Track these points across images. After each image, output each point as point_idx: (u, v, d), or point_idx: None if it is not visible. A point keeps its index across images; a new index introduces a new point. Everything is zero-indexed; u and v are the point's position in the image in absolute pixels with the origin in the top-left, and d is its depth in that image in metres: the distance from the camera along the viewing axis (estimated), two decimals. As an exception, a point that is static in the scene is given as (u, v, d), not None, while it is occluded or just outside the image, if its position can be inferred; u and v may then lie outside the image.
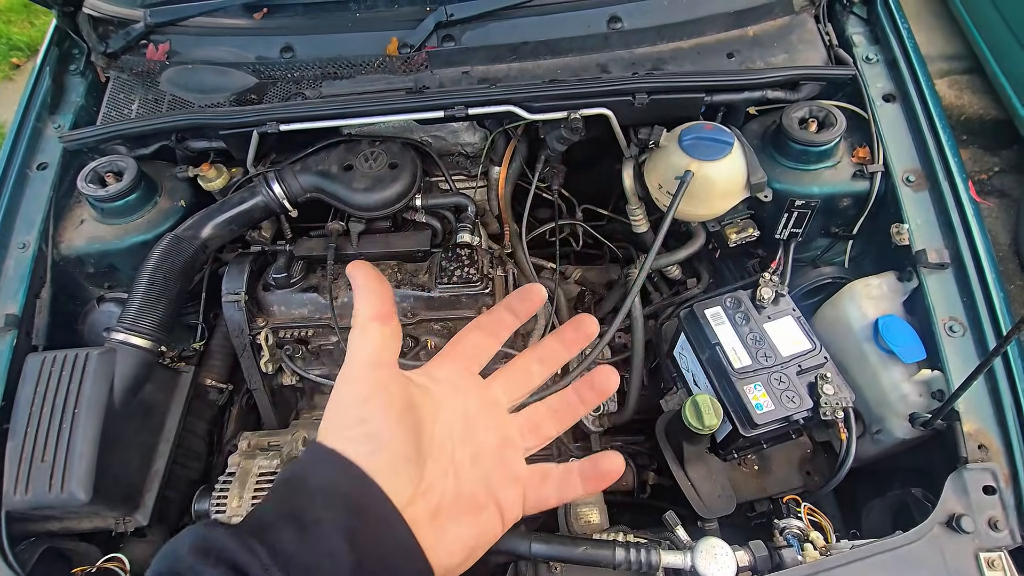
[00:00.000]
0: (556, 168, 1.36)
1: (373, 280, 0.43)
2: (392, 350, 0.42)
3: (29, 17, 3.47)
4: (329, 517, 0.35)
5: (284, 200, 1.20)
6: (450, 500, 0.41)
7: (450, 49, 1.26)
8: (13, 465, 0.95)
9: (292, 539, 0.34)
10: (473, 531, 0.41)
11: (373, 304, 0.42)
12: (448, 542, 0.40)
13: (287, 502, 0.37)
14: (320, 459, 0.39)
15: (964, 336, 0.99)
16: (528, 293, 0.49)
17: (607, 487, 0.45)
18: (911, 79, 1.21)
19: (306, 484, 0.37)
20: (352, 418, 0.39)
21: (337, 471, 0.38)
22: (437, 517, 0.40)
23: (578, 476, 0.45)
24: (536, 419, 0.47)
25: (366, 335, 0.42)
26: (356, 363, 0.41)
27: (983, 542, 0.85)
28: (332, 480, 0.37)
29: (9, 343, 1.09)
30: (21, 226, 1.20)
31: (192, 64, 1.31)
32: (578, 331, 0.49)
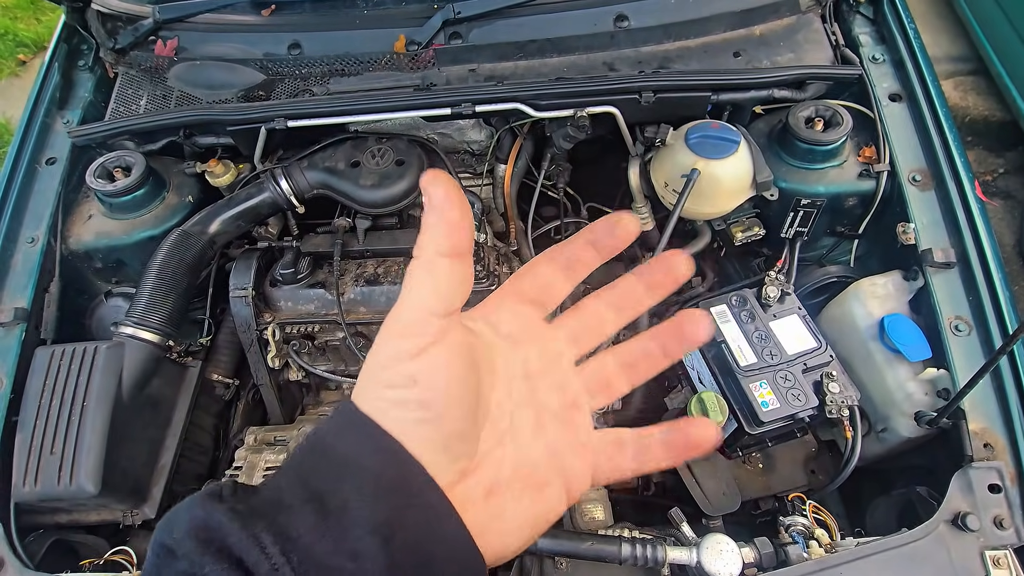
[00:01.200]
0: (562, 166, 1.36)
1: (453, 202, 0.32)
2: (461, 296, 0.33)
3: (35, 14, 3.48)
4: (358, 504, 0.29)
5: (291, 196, 1.21)
6: (508, 474, 0.34)
7: (457, 47, 1.26)
8: (22, 457, 0.96)
9: (311, 528, 0.28)
10: (534, 509, 0.35)
11: (448, 235, 0.32)
12: (505, 522, 0.34)
13: (308, 477, 0.30)
14: (352, 425, 0.31)
15: (970, 335, 0.99)
16: (618, 224, 0.38)
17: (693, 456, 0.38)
18: (917, 79, 1.21)
19: (333, 456, 0.31)
20: (400, 375, 0.31)
21: (372, 444, 0.31)
22: (493, 495, 0.34)
23: (661, 445, 0.37)
24: (605, 374, 0.39)
25: (433, 274, 0.32)
26: (413, 307, 0.32)
27: (988, 540, 0.85)
28: (366, 455, 0.31)
29: (18, 336, 1.09)
30: (30, 221, 1.21)
31: (200, 60, 1.32)
32: (668, 273, 0.39)
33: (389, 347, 0.32)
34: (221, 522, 0.28)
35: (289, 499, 0.30)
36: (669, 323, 0.38)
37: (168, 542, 0.29)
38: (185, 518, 0.29)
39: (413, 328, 0.32)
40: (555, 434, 0.37)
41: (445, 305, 0.32)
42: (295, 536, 0.28)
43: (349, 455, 0.31)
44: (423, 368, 0.31)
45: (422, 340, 0.32)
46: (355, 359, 1.22)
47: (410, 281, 0.33)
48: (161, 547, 0.29)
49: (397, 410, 0.31)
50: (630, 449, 0.37)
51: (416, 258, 0.33)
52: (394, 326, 0.32)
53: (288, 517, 0.29)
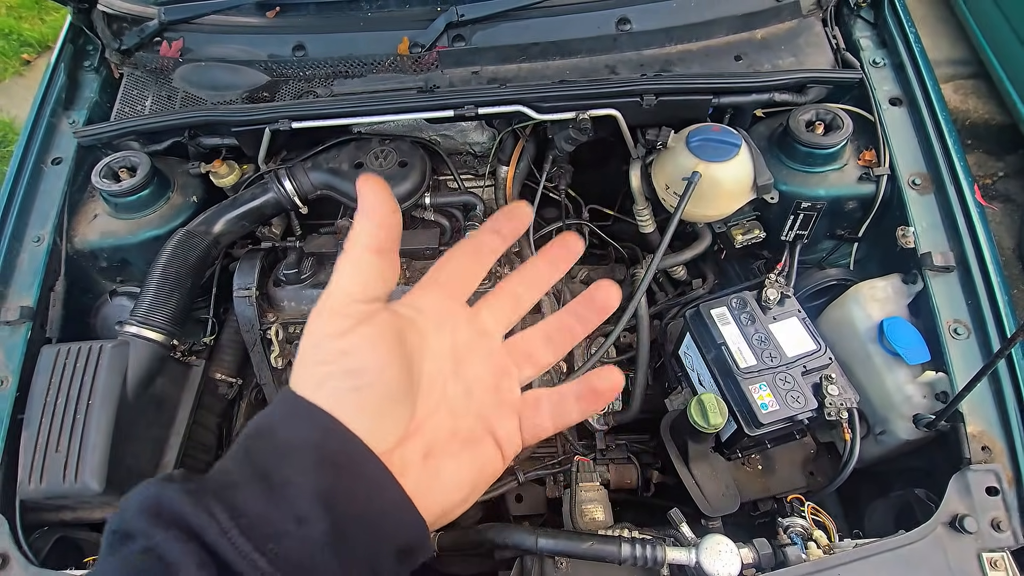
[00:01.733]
0: (563, 168, 1.37)
1: (382, 202, 0.36)
2: (384, 286, 0.37)
3: (40, 14, 3.49)
4: (300, 477, 0.31)
5: (295, 197, 1.22)
6: (444, 437, 0.38)
7: (460, 49, 1.27)
8: (28, 455, 0.96)
9: (257, 500, 0.31)
10: (472, 467, 0.38)
11: (374, 233, 0.36)
12: (444, 481, 0.37)
13: (253, 458, 0.33)
14: (291, 409, 0.34)
15: (968, 338, 1.00)
16: (514, 211, 0.43)
17: (602, 406, 0.42)
18: (918, 83, 1.21)
19: (275, 438, 0.33)
20: (331, 351, 0.34)
21: (311, 423, 0.33)
22: (431, 456, 0.37)
23: (572, 398, 0.41)
24: (529, 346, 0.43)
25: (358, 267, 0.36)
26: (340, 294, 0.36)
27: (986, 543, 0.86)
28: (305, 434, 0.33)
29: (24, 335, 1.10)
30: (36, 220, 1.21)
31: (205, 61, 1.33)
32: (564, 247, 0.43)
33: (318, 329, 0.35)
34: (172, 497, 0.30)
35: (236, 478, 0.32)
36: (582, 296, 0.43)
37: (119, 527, 0.30)
38: (136, 500, 0.30)
39: (339, 311, 0.35)
40: (483, 399, 0.40)
41: (368, 293, 0.36)
42: (242, 506, 0.30)
43: (290, 436, 0.33)
44: (352, 343, 0.35)
45: (348, 322, 0.35)
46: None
47: (337, 271, 0.36)
48: (112, 534, 0.30)
49: (333, 382, 0.34)
50: (548, 407, 0.41)
51: (345, 251, 0.36)
52: (322, 311, 0.36)
53: (235, 492, 0.31)
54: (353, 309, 0.35)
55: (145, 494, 0.31)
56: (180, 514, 0.29)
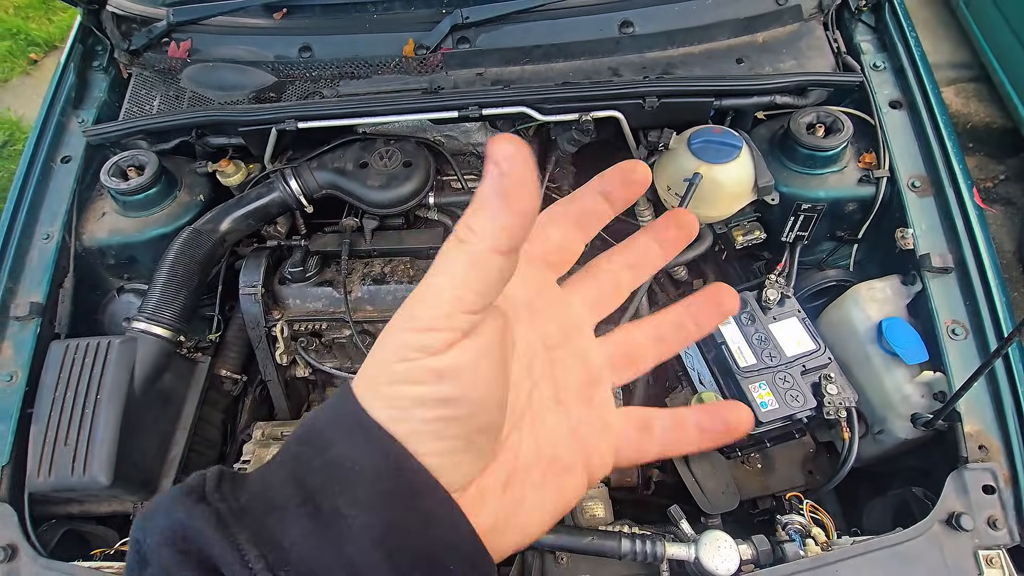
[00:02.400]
0: (566, 169, 1.38)
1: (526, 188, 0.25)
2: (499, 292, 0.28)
3: (47, 14, 3.52)
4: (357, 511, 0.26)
5: (300, 196, 1.23)
6: (528, 459, 0.31)
7: (465, 51, 1.28)
8: (37, 448, 0.98)
9: (302, 535, 0.25)
10: (555, 497, 0.31)
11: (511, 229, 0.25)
12: (525, 513, 0.30)
13: (304, 475, 0.27)
14: (353, 424, 0.27)
15: (966, 339, 1.01)
16: (632, 172, 0.35)
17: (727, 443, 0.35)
18: (918, 86, 1.23)
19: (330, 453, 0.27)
20: (424, 371, 0.26)
21: (373, 445, 0.27)
22: (511, 485, 0.30)
23: (694, 427, 0.34)
24: (631, 347, 0.35)
25: (480, 269, 0.26)
26: (444, 300, 0.26)
27: (982, 540, 0.87)
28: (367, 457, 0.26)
29: (33, 331, 1.12)
30: (45, 217, 1.23)
31: (213, 62, 1.34)
32: (680, 228, 0.36)
33: (409, 342, 0.27)
34: (200, 529, 0.25)
35: (281, 499, 0.26)
36: (703, 294, 0.36)
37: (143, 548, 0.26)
38: (162, 524, 0.26)
39: (443, 323, 0.26)
40: (577, 413, 0.33)
41: (483, 302, 0.27)
42: (287, 545, 0.25)
43: (346, 455, 0.27)
44: (452, 364, 0.26)
45: (452, 335, 0.26)
46: (361, 356, 1.24)
47: (446, 268, 0.26)
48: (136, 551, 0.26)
49: (418, 409, 0.27)
50: (658, 431, 0.34)
51: (462, 242, 0.26)
52: (418, 318, 0.27)
53: (279, 521, 0.25)
54: (461, 321, 0.26)
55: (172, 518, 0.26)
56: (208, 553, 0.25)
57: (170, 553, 0.25)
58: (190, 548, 0.25)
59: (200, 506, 0.26)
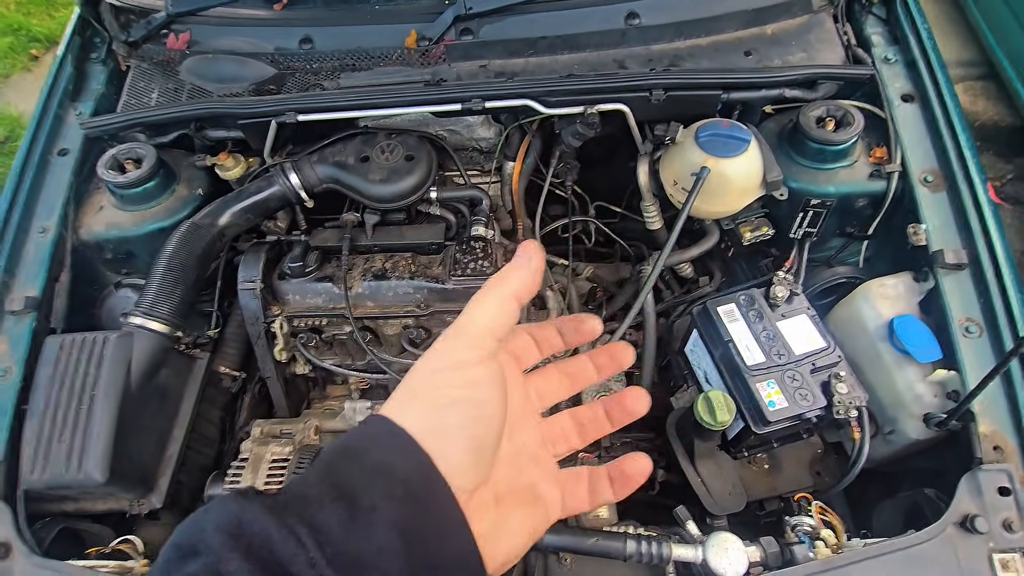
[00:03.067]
0: (570, 164, 1.36)
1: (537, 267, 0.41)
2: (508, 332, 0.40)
3: (48, 9, 3.51)
4: (386, 504, 0.31)
5: (301, 190, 1.21)
6: (507, 488, 0.40)
7: (468, 43, 1.26)
8: (31, 445, 0.96)
9: (341, 523, 0.30)
10: (529, 523, 0.40)
11: (525, 287, 0.40)
12: (512, 529, 0.39)
13: (338, 477, 0.32)
14: (383, 434, 0.34)
15: (981, 337, 0.99)
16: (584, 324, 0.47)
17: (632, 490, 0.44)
18: (930, 79, 1.20)
19: (365, 459, 0.34)
20: (463, 377, 0.36)
21: (405, 452, 0.34)
22: (500, 503, 0.39)
23: (607, 480, 0.44)
24: (562, 429, 0.47)
25: (503, 308, 0.39)
26: (481, 325, 0.38)
27: (997, 543, 0.84)
28: (399, 462, 0.33)
29: (29, 325, 1.10)
30: (42, 211, 1.21)
31: (212, 54, 1.32)
32: (612, 358, 0.48)
33: (453, 352, 0.37)
34: (255, 516, 0.29)
35: (318, 495, 0.31)
36: (614, 397, 0.47)
37: (187, 541, 0.29)
38: (215, 516, 0.30)
39: (478, 342, 0.37)
40: (534, 465, 0.43)
41: (501, 334, 0.38)
42: (326, 529, 0.30)
43: (383, 460, 0.33)
44: (482, 375, 0.36)
45: (483, 352, 0.37)
46: (362, 353, 1.22)
47: (481, 305, 0.39)
48: (176, 548, 0.30)
49: (451, 410, 0.35)
50: (585, 484, 0.44)
51: (491, 288, 0.39)
52: (461, 336, 0.38)
53: (319, 512, 0.30)
54: (488, 344, 0.38)
55: (226, 510, 0.30)
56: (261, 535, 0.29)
57: (223, 538, 0.29)
58: (243, 533, 0.29)
59: (252, 501, 0.30)
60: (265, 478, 1.05)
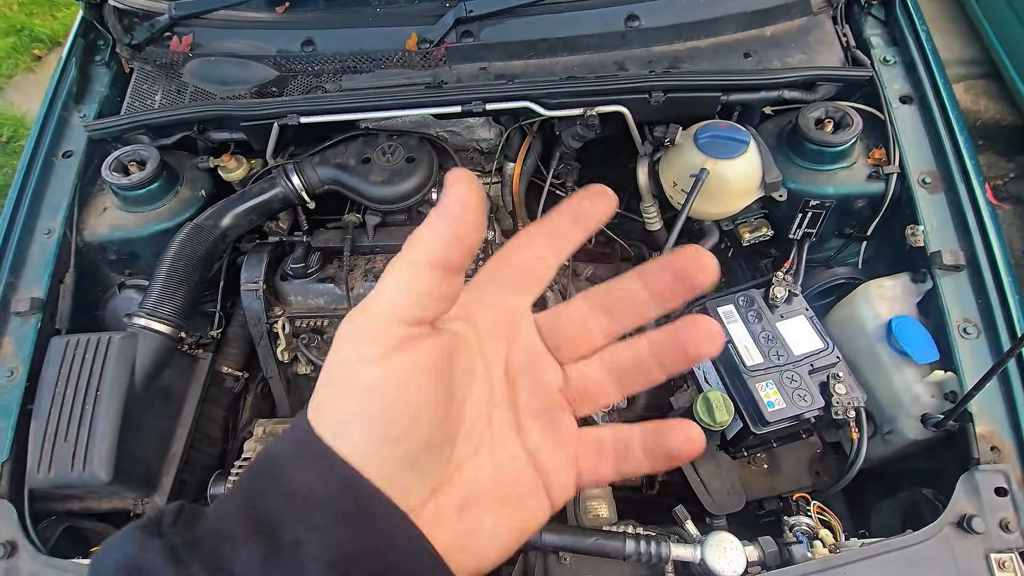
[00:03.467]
0: (571, 165, 1.37)
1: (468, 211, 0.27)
2: (438, 311, 0.29)
3: (51, 10, 3.52)
4: (311, 536, 0.26)
5: (302, 191, 1.22)
6: (487, 484, 0.31)
7: (468, 45, 1.27)
8: (37, 444, 0.97)
9: (257, 565, 0.25)
10: (516, 521, 0.32)
11: (448, 246, 0.27)
12: (483, 537, 0.30)
13: (258, 505, 0.27)
14: (305, 446, 0.27)
15: (978, 338, 0.99)
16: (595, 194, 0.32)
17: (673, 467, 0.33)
18: (929, 81, 1.21)
19: (284, 481, 0.27)
20: (356, 385, 0.27)
21: (326, 471, 0.27)
22: (468, 508, 0.30)
23: (640, 451, 0.33)
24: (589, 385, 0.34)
25: (416, 280, 0.28)
26: (380, 310, 0.28)
27: (994, 543, 0.85)
28: (320, 482, 0.27)
29: (34, 326, 1.11)
30: (47, 212, 1.22)
31: (215, 56, 1.33)
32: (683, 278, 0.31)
33: (347, 351, 0.28)
34: (153, 562, 0.25)
35: (234, 529, 0.26)
36: (670, 329, 0.32)
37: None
38: (116, 556, 0.26)
39: (376, 333, 0.28)
40: (537, 437, 0.33)
41: (417, 314, 0.28)
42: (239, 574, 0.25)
43: (301, 481, 0.27)
44: (381, 377, 0.27)
45: (383, 346, 0.27)
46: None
47: (387, 279, 0.28)
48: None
49: (358, 426, 0.27)
50: (610, 454, 0.33)
51: (401, 256, 0.28)
52: (355, 327, 0.28)
53: (231, 551, 0.25)
54: (394, 331, 0.28)
55: (125, 550, 0.26)
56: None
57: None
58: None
59: (154, 540, 0.26)
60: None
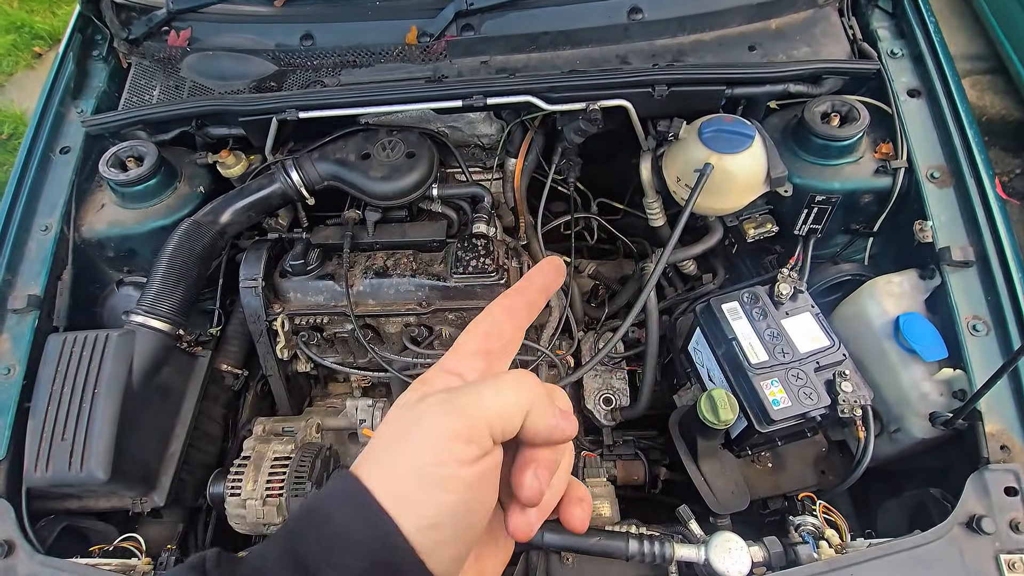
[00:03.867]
0: (572, 161, 1.35)
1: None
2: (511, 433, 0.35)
3: (51, 7, 3.51)
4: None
5: (302, 188, 1.21)
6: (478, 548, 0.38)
7: (469, 38, 1.25)
8: (34, 443, 0.96)
9: None
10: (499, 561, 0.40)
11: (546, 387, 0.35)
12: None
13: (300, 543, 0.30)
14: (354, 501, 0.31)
15: (988, 335, 0.98)
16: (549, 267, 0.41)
17: None
18: (937, 74, 1.19)
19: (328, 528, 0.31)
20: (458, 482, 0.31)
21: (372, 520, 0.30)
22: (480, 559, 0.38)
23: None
24: None
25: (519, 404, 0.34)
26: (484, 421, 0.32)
27: (1004, 544, 0.83)
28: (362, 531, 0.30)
29: (31, 324, 1.10)
30: (44, 209, 1.22)
31: (213, 51, 1.32)
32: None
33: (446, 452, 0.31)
34: None
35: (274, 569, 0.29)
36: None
37: None
38: None
39: (476, 439, 0.32)
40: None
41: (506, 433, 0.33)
42: None
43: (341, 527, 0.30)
44: (477, 476, 0.32)
45: (480, 451, 0.32)
46: (363, 351, 1.22)
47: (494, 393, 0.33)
48: None
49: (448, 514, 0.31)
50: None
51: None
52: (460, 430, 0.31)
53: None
54: (488, 442, 0.32)
55: None
56: None
57: None
58: None
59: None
60: (267, 476, 1.05)
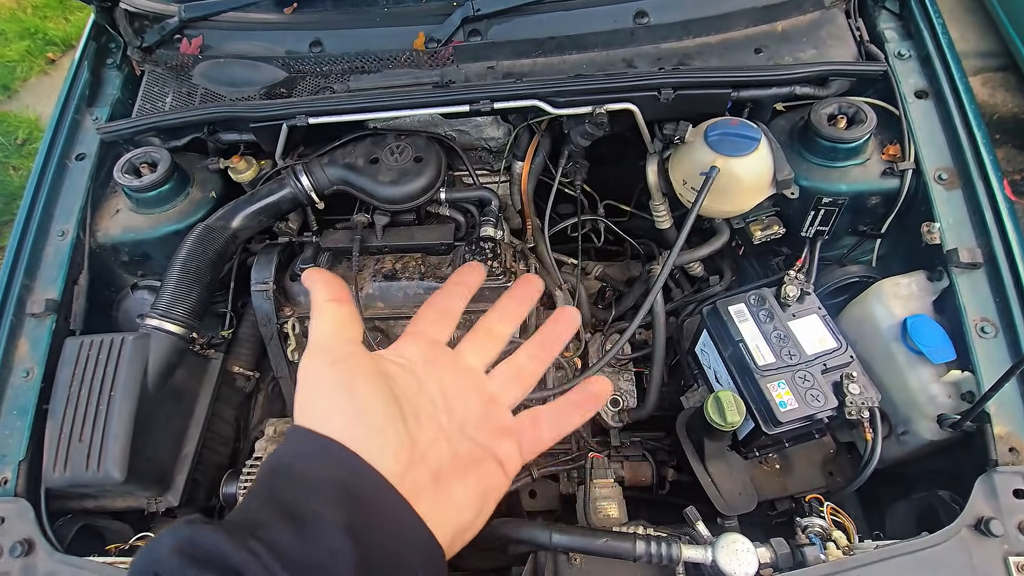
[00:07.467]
0: (579, 164, 1.36)
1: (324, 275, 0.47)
2: (353, 329, 0.44)
3: (64, 13, 3.56)
4: (327, 511, 0.33)
5: (311, 192, 1.23)
6: (448, 462, 0.42)
7: (476, 44, 1.27)
8: (52, 444, 0.98)
9: (291, 536, 0.32)
10: (479, 486, 0.42)
11: (328, 289, 0.46)
12: (455, 502, 0.40)
13: (277, 496, 0.35)
14: (302, 442, 0.37)
15: (996, 337, 0.97)
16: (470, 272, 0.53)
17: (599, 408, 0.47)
18: (945, 75, 1.18)
19: (293, 473, 0.36)
20: (324, 390, 0.40)
21: (324, 455, 0.36)
22: (439, 480, 0.40)
23: (570, 406, 0.47)
24: (514, 369, 0.49)
25: (324, 314, 0.44)
26: (318, 337, 0.43)
27: (1012, 547, 0.83)
28: (325, 469, 0.36)
29: (49, 327, 1.13)
30: (60, 215, 1.24)
31: (224, 58, 1.34)
32: (528, 286, 0.53)
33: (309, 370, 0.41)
34: (208, 536, 0.31)
35: (263, 517, 0.33)
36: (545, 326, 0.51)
37: (145, 567, 0.30)
38: (169, 541, 0.31)
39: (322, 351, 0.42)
40: (477, 427, 0.45)
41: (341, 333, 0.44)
42: (278, 543, 0.32)
43: (308, 470, 0.36)
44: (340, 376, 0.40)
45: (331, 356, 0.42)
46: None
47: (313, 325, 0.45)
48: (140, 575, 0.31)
49: (334, 416, 0.38)
50: (546, 420, 0.47)
51: (312, 311, 0.46)
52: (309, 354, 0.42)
53: (270, 531, 0.32)
54: (334, 347, 0.42)
55: (177, 535, 0.31)
56: (219, 553, 0.30)
57: (179, 559, 0.30)
58: (197, 552, 0.30)
59: (203, 526, 0.32)
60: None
